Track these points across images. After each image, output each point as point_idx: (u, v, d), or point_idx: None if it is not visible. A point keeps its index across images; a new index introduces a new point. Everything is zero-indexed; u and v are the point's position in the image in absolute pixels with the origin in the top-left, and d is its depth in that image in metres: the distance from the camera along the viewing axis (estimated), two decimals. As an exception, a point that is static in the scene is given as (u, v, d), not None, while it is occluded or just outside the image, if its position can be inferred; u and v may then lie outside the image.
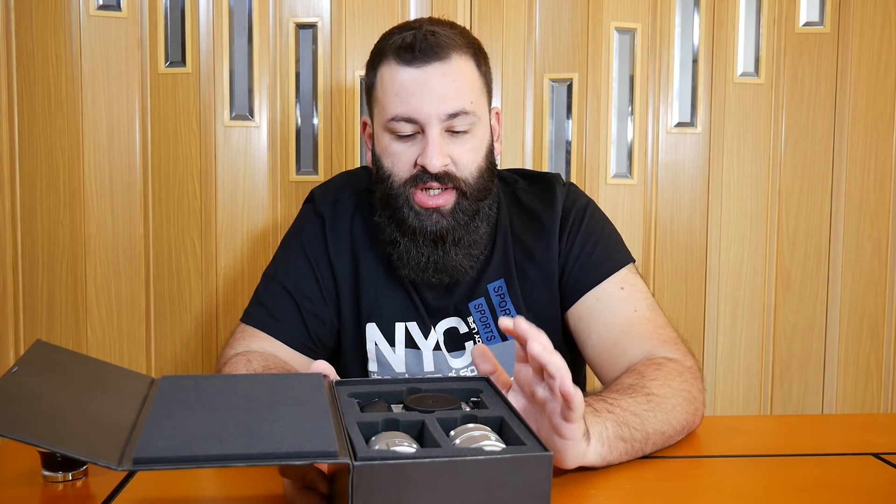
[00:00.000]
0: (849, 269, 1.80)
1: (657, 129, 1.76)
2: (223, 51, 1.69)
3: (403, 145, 1.15)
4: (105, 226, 1.70)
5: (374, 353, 1.25)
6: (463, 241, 1.17)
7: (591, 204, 1.27)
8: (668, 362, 1.06)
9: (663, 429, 0.96)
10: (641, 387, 0.99)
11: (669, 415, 0.98)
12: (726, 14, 1.75)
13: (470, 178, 1.15)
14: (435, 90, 1.12)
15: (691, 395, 1.03)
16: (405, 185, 1.15)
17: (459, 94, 1.13)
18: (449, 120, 1.12)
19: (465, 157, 1.15)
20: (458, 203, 1.15)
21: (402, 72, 1.13)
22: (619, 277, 1.20)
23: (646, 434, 0.94)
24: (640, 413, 0.94)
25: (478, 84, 1.17)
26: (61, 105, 1.67)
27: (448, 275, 1.20)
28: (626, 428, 0.91)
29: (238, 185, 1.72)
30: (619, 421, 0.91)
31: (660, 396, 0.98)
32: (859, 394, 1.82)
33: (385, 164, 1.17)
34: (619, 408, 0.93)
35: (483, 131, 1.18)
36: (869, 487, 0.90)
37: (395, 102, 1.13)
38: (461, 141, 1.14)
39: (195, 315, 1.74)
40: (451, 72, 1.13)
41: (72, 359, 0.84)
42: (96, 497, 0.86)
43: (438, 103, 1.11)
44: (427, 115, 1.12)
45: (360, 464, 0.67)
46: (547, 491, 0.70)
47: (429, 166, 1.12)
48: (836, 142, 1.79)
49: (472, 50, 1.17)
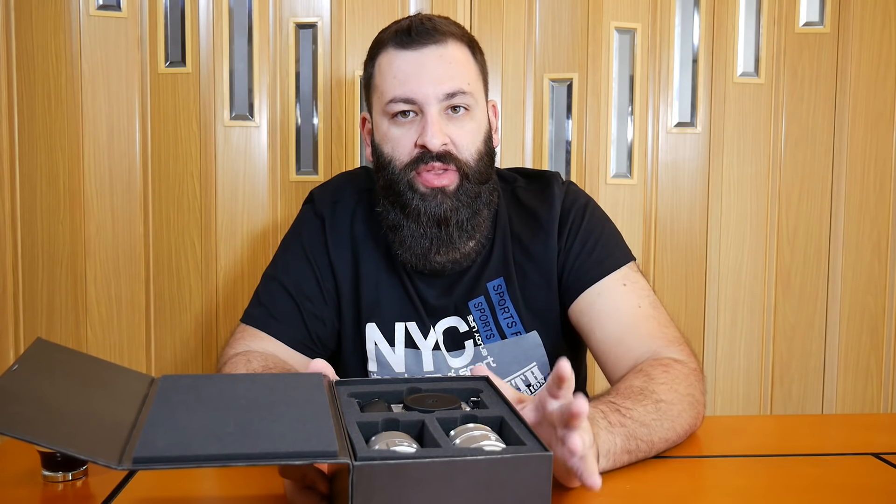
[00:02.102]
0: (849, 269, 1.80)
1: (657, 129, 1.76)
2: (223, 51, 1.69)
3: (402, 129, 1.16)
4: (105, 226, 1.70)
5: (374, 353, 1.25)
6: (465, 223, 1.17)
7: (591, 202, 1.27)
8: (675, 364, 1.06)
9: (668, 436, 0.97)
10: (651, 392, 0.98)
11: (675, 422, 0.98)
12: (726, 14, 1.75)
13: (471, 160, 1.16)
14: (432, 72, 1.14)
15: (695, 398, 1.03)
16: (407, 168, 1.16)
17: (457, 74, 1.15)
18: (447, 100, 1.14)
19: (465, 138, 1.16)
20: (461, 184, 1.16)
21: (400, 55, 1.16)
22: (621, 274, 1.20)
23: (651, 443, 0.94)
24: (648, 423, 0.94)
25: (474, 70, 1.19)
26: (61, 105, 1.67)
27: (450, 260, 1.20)
28: (633, 441, 0.92)
29: (238, 185, 1.72)
30: (629, 435, 0.91)
31: (667, 403, 0.98)
32: (859, 394, 1.82)
33: (385, 151, 1.18)
34: (631, 419, 0.93)
35: (481, 116, 1.20)
36: (869, 487, 0.90)
37: (394, 85, 1.15)
38: (460, 123, 1.16)
39: (195, 315, 1.74)
40: (447, 54, 1.15)
41: (72, 357, 0.84)
42: (96, 497, 0.86)
43: (436, 84, 1.13)
44: (425, 95, 1.13)
45: (360, 464, 0.67)
46: (547, 491, 0.70)
47: (429, 145, 1.13)
48: (836, 142, 1.79)
49: (466, 40, 1.20)
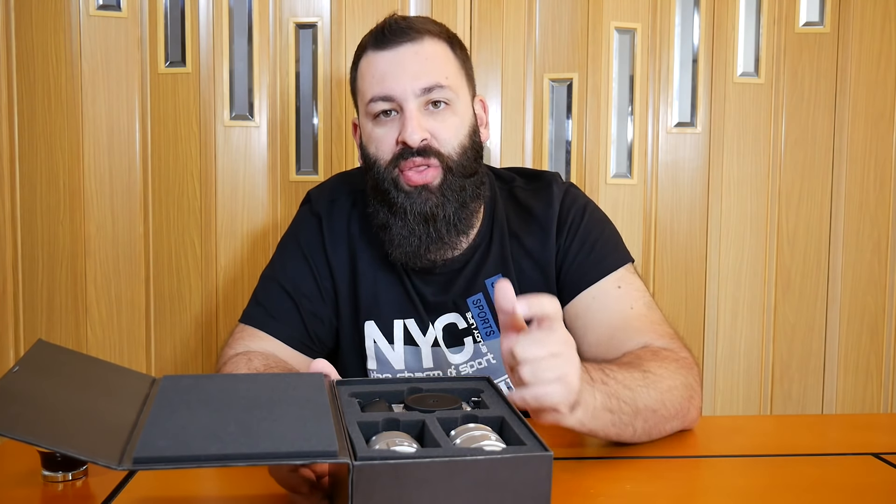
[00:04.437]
0: (849, 269, 1.80)
1: (657, 129, 1.76)
2: (223, 51, 1.69)
3: (384, 128, 1.17)
4: (105, 226, 1.70)
5: (373, 351, 1.25)
6: (453, 217, 1.18)
7: (590, 203, 1.27)
8: (665, 351, 1.07)
9: (655, 406, 0.97)
10: (638, 364, 1.00)
11: (664, 395, 0.98)
12: (726, 14, 1.75)
13: (454, 154, 1.16)
14: (408, 68, 1.15)
15: (687, 382, 1.04)
16: (390, 165, 1.16)
17: (433, 69, 1.16)
18: (424, 95, 1.15)
19: (447, 132, 1.16)
20: (445, 179, 1.16)
21: (377, 56, 1.17)
22: (617, 276, 1.20)
23: (636, 409, 0.94)
24: (633, 387, 0.95)
25: (453, 64, 1.19)
26: (61, 105, 1.67)
27: (442, 255, 1.20)
28: (615, 400, 0.92)
29: (238, 184, 1.72)
30: (610, 392, 0.92)
31: (656, 375, 0.99)
32: (859, 394, 1.82)
33: (370, 151, 1.19)
34: (614, 380, 0.94)
35: (464, 109, 1.19)
36: (869, 487, 0.90)
37: (372, 84, 1.17)
38: (441, 117, 1.16)
39: (195, 315, 1.74)
40: (423, 51, 1.16)
41: (73, 358, 0.84)
42: (96, 497, 0.86)
43: (412, 80, 1.14)
44: (403, 91, 1.14)
45: (360, 463, 0.67)
46: (547, 491, 0.70)
47: (409, 140, 1.13)
48: (836, 142, 1.79)
49: (444, 36, 1.20)
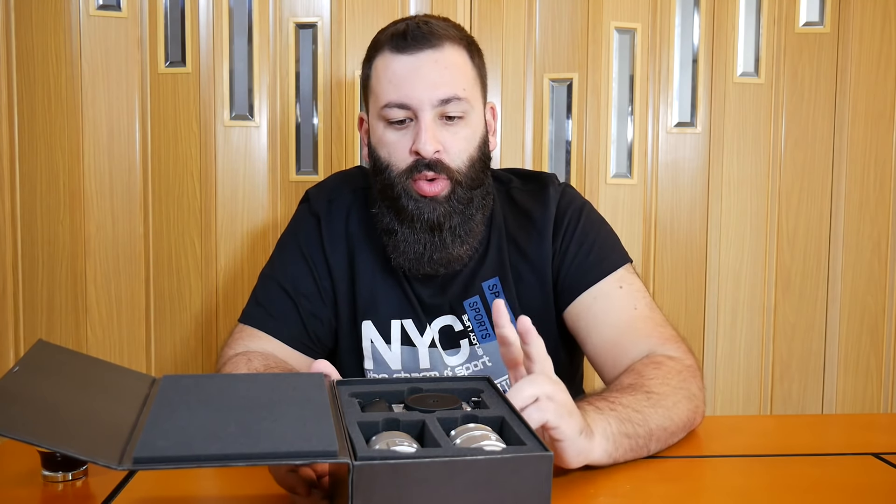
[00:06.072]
0: (849, 269, 1.80)
1: (657, 129, 1.76)
2: (223, 51, 1.69)
3: (398, 134, 1.16)
4: (105, 226, 1.70)
5: (370, 351, 1.25)
6: (458, 229, 1.18)
7: (587, 205, 1.28)
8: (668, 360, 1.07)
9: (665, 424, 0.97)
10: (640, 385, 1.00)
11: (671, 411, 0.98)
12: (726, 14, 1.75)
13: (462, 167, 1.16)
14: (427, 77, 1.13)
15: (690, 392, 1.03)
16: (403, 175, 1.15)
17: (452, 80, 1.14)
18: (441, 106, 1.14)
19: (457, 145, 1.16)
20: (453, 191, 1.16)
21: (396, 59, 1.15)
22: (617, 277, 1.20)
23: (649, 430, 0.94)
24: (641, 409, 0.95)
25: (471, 74, 1.19)
26: (61, 105, 1.66)
27: (443, 265, 1.20)
28: (629, 424, 0.92)
29: (238, 184, 1.72)
30: (622, 417, 0.92)
31: (659, 395, 0.99)
32: (859, 394, 1.82)
33: (382, 155, 1.18)
34: (621, 405, 0.94)
35: (477, 121, 1.19)
36: (869, 487, 0.90)
37: (389, 89, 1.15)
38: (454, 129, 1.15)
39: (195, 315, 1.74)
40: (444, 59, 1.15)
41: (73, 358, 0.84)
42: (96, 497, 0.86)
43: (431, 89, 1.13)
44: (419, 100, 1.13)
45: (360, 463, 0.67)
46: (547, 491, 0.70)
47: (422, 151, 1.13)
48: (836, 142, 1.79)
49: (465, 42, 1.19)
